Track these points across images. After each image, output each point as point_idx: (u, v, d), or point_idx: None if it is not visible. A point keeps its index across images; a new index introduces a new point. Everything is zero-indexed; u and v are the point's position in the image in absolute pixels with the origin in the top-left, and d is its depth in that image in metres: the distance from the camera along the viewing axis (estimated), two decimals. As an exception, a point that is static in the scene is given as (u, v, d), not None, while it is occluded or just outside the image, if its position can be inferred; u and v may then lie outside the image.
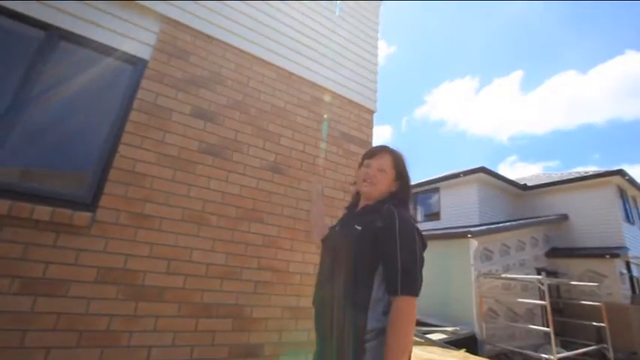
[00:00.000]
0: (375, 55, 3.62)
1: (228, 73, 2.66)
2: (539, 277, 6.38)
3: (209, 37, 2.62)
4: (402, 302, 1.02)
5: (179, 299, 2.08)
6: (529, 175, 13.48)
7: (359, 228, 1.21)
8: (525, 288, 7.43)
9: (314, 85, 3.09)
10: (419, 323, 7.08)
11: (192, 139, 2.38)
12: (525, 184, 10.60)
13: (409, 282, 1.04)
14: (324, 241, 1.35)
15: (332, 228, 1.39)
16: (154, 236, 2.08)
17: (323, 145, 2.95)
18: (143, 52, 2.35)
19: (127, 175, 2.09)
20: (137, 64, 2.30)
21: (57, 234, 1.81)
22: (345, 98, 3.27)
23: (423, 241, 1.18)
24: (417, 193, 10.96)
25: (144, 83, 2.28)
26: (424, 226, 10.15)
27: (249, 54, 2.78)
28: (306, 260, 2.66)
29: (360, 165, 1.41)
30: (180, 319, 2.06)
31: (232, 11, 2.75)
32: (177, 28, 2.50)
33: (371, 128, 3.38)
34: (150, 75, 2.31)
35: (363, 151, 3.18)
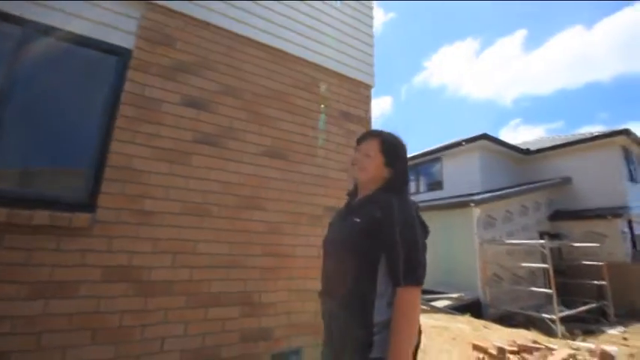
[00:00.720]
0: (371, 27, 3.42)
1: (219, 58, 2.53)
2: (541, 241, 6.47)
3: (196, 20, 2.46)
4: (405, 293, 1.01)
5: (187, 291, 2.11)
6: (532, 138, 13.31)
7: (358, 220, 1.18)
8: (529, 252, 7.56)
9: (311, 64, 2.94)
10: (425, 292, 7.31)
11: (186, 130, 2.31)
12: (528, 149, 10.46)
13: (411, 271, 1.02)
14: (325, 241, 1.32)
15: (331, 224, 1.36)
16: (156, 232, 2.08)
17: (321, 126, 2.86)
18: (126, 41, 2.21)
19: (123, 172, 2.04)
20: (121, 54, 2.18)
21: (58, 237, 1.80)
22: (342, 75, 3.13)
23: (424, 228, 1.15)
24: (418, 164, 10.88)
25: (130, 74, 2.17)
26: (427, 197, 10.18)
27: (240, 36, 2.63)
28: (310, 243, 2.66)
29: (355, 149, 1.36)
30: (190, 309, 2.11)
31: (216, -12, 2.57)
32: (160, 13, 2.34)
33: (369, 104, 3.27)
34: (135, 65, 2.20)
35: (362, 130, 3.10)
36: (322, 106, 2.93)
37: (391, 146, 1.27)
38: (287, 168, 2.69)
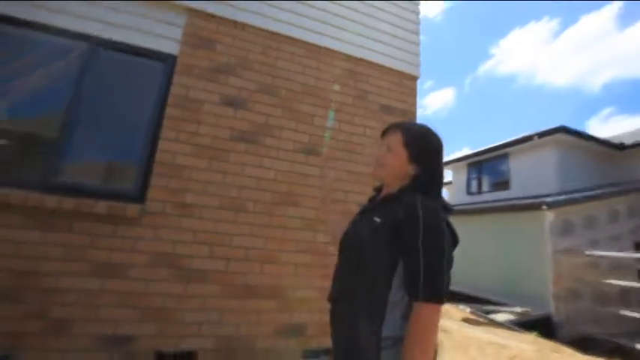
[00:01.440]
0: (416, 13, 3.20)
1: (256, 57, 2.61)
2: (639, 255, 5.37)
3: (234, 22, 2.58)
4: (423, 310, 0.89)
5: (223, 281, 2.23)
6: (629, 130, 11.13)
7: (378, 220, 1.07)
8: (618, 266, 6.36)
9: (347, 56, 2.87)
10: (482, 301, 6.66)
11: (224, 128, 2.42)
12: (622, 144, 8.78)
13: (433, 285, 0.88)
14: (342, 238, 1.23)
15: (351, 222, 1.27)
16: (196, 224, 2.23)
17: (357, 121, 2.76)
18: (172, 48, 2.41)
19: (168, 167, 2.23)
20: (167, 60, 2.38)
21: (115, 225, 2.05)
22: (383, 67, 2.98)
23: (453, 237, 1.01)
24: (482, 161, 9.92)
25: (175, 78, 2.36)
26: (491, 197, 9.23)
27: (275, 33, 2.68)
28: None
29: None
30: (225, 299, 2.22)
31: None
32: (201, 19, 2.50)
33: (414, 97, 3.06)
34: (180, 69, 2.38)
35: None
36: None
37: (416, 139, 1.11)
38: (323, 164, 2.66)
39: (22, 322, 1.82)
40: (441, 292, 0.88)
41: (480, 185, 9.95)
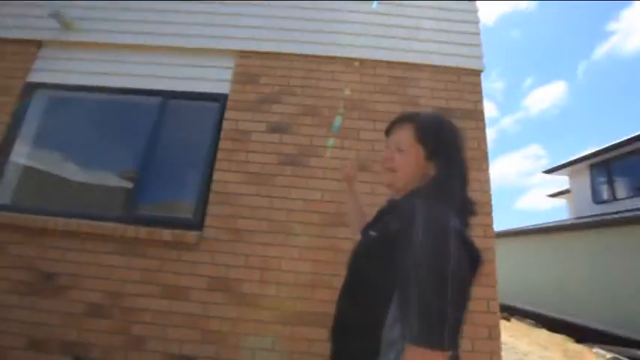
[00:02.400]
0: (471, -2, 2.81)
1: (297, 82, 2.67)
2: None
3: (275, 54, 2.73)
4: (411, 354, 0.66)
5: (273, 306, 2.20)
6: None
7: (373, 234, 0.89)
8: None
9: (391, 63, 2.69)
10: (625, 341, 4.90)
11: (271, 154, 2.51)
12: None
13: (429, 326, 0.63)
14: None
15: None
16: (247, 248, 2.31)
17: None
18: (224, 88, 2.68)
19: (222, 196, 2.41)
20: (220, 99, 2.65)
21: (178, 250, 2.28)
22: (434, 66, 2.68)
23: (471, 254, 0.72)
24: (613, 158, 7.75)
25: (227, 114, 2.59)
26: (631, 204, 7.03)
27: (315, 56, 2.72)
28: None
29: None
30: (277, 325, 2.18)
31: (291, 21, 2.77)
32: (247, 57, 2.73)
33: (479, 92, 2.62)
34: (231, 106, 2.61)
35: (470, 125, 2.51)
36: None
37: (433, 130, 0.88)
38: (373, 180, 2.47)
39: (110, 336, 2.14)
40: (438, 335, 0.62)
41: (612, 190, 7.74)
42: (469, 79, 2.65)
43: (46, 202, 2.58)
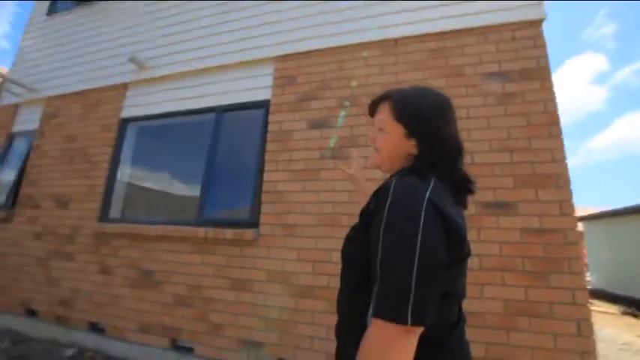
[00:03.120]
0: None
1: (332, 75, 2.69)
2: None
3: (307, 52, 2.79)
4: (372, 328, 0.63)
5: (326, 297, 2.27)
6: None
7: (358, 219, 0.88)
8: None
9: (426, 36, 2.48)
10: None
11: (313, 150, 2.58)
12: None
13: (387, 296, 0.60)
14: None
15: None
16: (298, 242, 2.43)
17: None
18: (267, 94, 2.87)
19: (272, 195, 2.59)
20: (264, 105, 2.84)
21: (241, 247, 2.54)
22: (480, 28, 2.36)
23: (454, 233, 0.65)
24: None
25: (270, 117, 2.77)
26: None
27: (345, 46, 2.69)
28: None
29: None
30: (331, 314, 2.24)
31: (318, 17, 2.80)
32: (284, 61, 2.86)
33: (542, 47, 2.21)
34: (273, 109, 2.78)
35: (534, 86, 2.16)
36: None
37: (410, 106, 0.82)
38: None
39: (195, 323, 2.51)
40: (399, 308, 0.58)
41: None
42: (526, 33, 2.25)
43: (142, 213, 3.17)
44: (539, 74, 2.18)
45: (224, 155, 2.91)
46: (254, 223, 2.58)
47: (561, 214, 1.92)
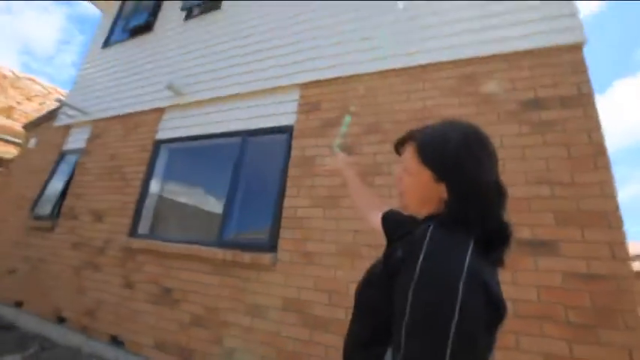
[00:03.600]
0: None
1: (357, 101, 2.67)
2: None
3: (334, 80, 2.82)
4: None
5: (341, 331, 2.12)
6: None
7: (378, 264, 0.81)
8: None
9: (455, 62, 2.40)
10: None
11: (335, 176, 2.54)
12: None
13: None
14: None
15: None
16: (316, 270, 2.34)
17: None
18: (291, 119, 2.91)
19: (292, 221, 2.55)
20: (288, 130, 2.88)
21: (257, 272, 2.50)
22: (509, 54, 2.26)
23: (489, 300, 0.56)
24: None
25: (294, 143, 2.79)
26: None
27: (370, 73, 2.69)
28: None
29: None
30: (347, 352, 2.09)
31: (343, 46, 2.85)
32: (309, 88, 2.91)
33: (583, 72, 2.05)
34: (297, 135, 2.80)
35: (576, 113, 2.00)
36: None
37: (436, 147, 0.74)
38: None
39: (209, 345, 2.47)
40: None
41: None
42: (565, 59, 2.11)
43: (168, 230, 3.27)
44: (581, 101, 2.01)
45: (247, 178, 2.96)
46: (272, 248, 2.55)
47: (613, 258, 1.69)
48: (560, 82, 2.09)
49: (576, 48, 2.10)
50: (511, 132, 2.11)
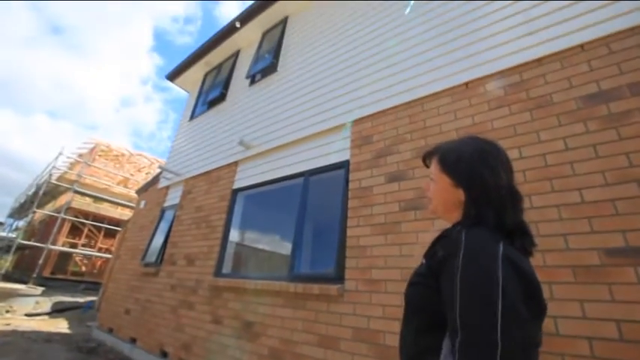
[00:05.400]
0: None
1: (405, 128, 2.78)
2: None
3: (382, 112, 2.99)
4: None
5: (418, 363, 2.03)
6: None
7: (423, 262, 0.92)
8: None
9: (499, 73, 2.38)
10: None
11: (393, 202, 2.60)
12: None
13: (477, 353, 0.61)
14: None
15: None
16: (383, 298, 2.33)
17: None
18: (346, 155, 3.12)
19: (356, 250, 2.63)
20: (345, 165, 3.08)
21: (327, 303, 2.59)
22: (562, 51, 2.16)
23: (527, 284, 0.68)
24: None
25: (351, 176, 2.96)
26: None
27: (415, 100, 2.79)
28: (562, 312, 1.62)
29: None
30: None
31: (387, 80, 3.04)
32: (360, 124, 3.13)
33: (655, 57, 1.85)
34: (353, 168, 2.98)
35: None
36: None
37: (452, 157, 0.90)
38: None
39: (287, 379, 2.55)
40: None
41: None
42: (627, 43, 1.94)
43: (246, 269, 3.61)
44: (657, 88, 1.79)
45: (312, 214, 3.18)
46: (339, 279, 2.63)
47: None
48: (626, 69, 1.91)
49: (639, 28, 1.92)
50: (577, 131, 1.95)
